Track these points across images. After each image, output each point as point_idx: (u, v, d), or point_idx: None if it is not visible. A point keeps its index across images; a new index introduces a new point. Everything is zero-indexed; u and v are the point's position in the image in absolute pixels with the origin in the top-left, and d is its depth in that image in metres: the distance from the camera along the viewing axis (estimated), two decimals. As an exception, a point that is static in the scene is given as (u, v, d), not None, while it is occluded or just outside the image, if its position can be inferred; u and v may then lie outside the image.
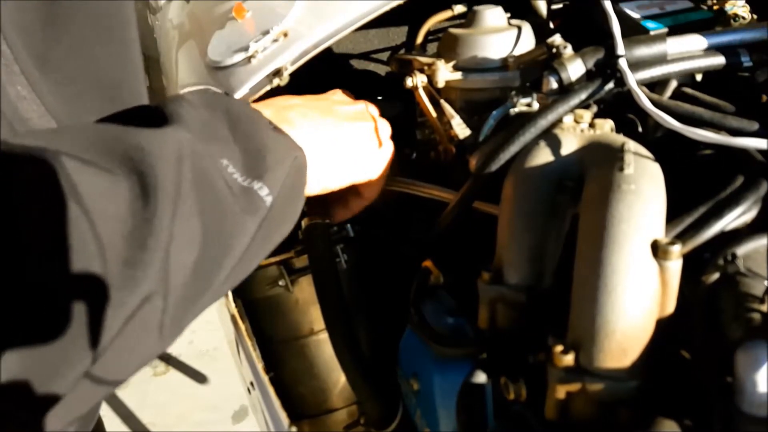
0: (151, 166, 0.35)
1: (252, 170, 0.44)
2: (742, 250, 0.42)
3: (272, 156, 0.45)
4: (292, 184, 0.48)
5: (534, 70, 0.64)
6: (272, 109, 0.52)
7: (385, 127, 0.63)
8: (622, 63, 0.53)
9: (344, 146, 0.57)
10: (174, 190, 0.36)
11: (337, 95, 0.63)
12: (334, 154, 0.56)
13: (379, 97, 0.69)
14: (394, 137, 0.64)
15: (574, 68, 0.56)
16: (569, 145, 0.50)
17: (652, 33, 0.62)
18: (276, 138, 0.48)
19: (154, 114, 0.41)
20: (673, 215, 0.45)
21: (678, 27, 0.63)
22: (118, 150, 0.35)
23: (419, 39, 0.80)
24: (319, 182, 0.55)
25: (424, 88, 0.67)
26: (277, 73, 0.68)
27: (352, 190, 0.62)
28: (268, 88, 0.68)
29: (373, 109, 0.63)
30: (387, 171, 0.62)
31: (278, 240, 0.49)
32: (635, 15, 0.64)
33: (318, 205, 0.65)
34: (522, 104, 0.60)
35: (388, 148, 0.62)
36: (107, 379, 0.35)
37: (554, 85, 0.56)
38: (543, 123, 0.52)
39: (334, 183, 0.57)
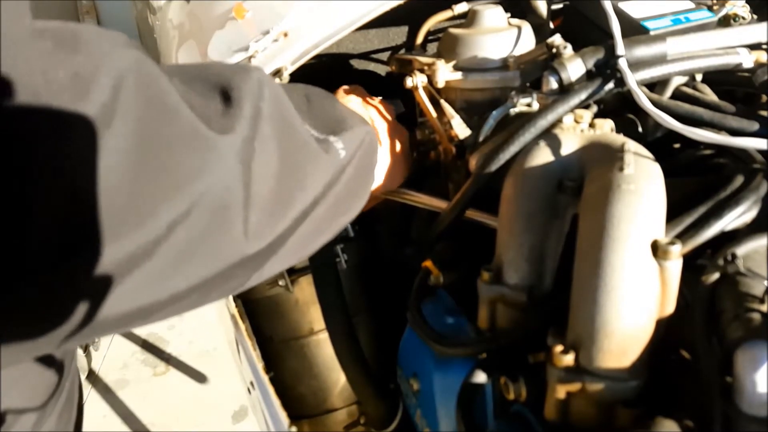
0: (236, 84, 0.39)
1: (327, 128, 0.46)
2: (742, 250, 0.42)
3: (347, 123, 0.48)
4: (365, 158, 0.49)
5: (534, 70, 0.64)
6: None
7: (403, 136, 0.66)
8: (622, 63, 0.53)
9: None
10: (254, 103, 0.38)
11: (351, 101, 0.64)
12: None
13: (379, 97, 0.69)
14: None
15: (574, 68, 0.56)
16: (569, 145, 0.50)
17: (652, 33, 0.62)
18: (350, 113, 0.50)
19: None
20: (672, 215, 0.45)
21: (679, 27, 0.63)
22: (211, 78, 0.39)
23: (419, 39, 0.80)
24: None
25: (424, 88, 0.67)
26: (277, 73, 0.68)
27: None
28: (268, 88, 0.68)
29: (369, 114, 0.63)
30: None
31: (347, 218, 0.50)
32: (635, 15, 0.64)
33: None
34: (522, 104, 0.60)
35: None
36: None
37: (554, 85, 0.56)
38: (543, 123, 0.52)
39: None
